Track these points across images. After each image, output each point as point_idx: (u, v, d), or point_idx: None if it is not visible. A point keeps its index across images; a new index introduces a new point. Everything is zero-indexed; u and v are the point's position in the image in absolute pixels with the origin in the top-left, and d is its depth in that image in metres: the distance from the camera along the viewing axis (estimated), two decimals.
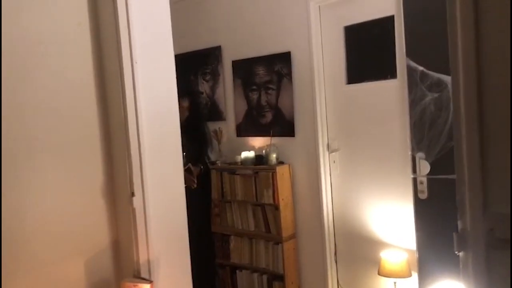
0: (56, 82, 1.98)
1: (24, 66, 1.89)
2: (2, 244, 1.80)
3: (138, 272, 2.07)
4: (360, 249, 3.32)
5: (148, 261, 2.09)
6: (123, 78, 2.01)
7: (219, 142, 3.85)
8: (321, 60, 3.35)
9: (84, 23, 2.05)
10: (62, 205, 2.00)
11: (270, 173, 3.42)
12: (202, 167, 3.59)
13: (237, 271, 3.79)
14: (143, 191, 2.07)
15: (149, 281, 2.03)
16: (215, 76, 3.96)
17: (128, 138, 2.03)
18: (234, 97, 3.85)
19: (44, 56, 1.94)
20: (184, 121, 3.24)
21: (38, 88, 1.93)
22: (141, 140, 2.06)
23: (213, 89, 3.97)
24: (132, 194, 2.05)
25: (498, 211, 1.03)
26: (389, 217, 3.13)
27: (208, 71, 4.01)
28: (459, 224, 1.11)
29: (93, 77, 2.09)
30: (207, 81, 4.03)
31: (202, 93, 4.08)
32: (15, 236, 1.87)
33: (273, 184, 3.42)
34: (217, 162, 3.82)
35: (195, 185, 3.26)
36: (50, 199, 1.97)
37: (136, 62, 2.04)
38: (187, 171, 3.11)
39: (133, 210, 2.05)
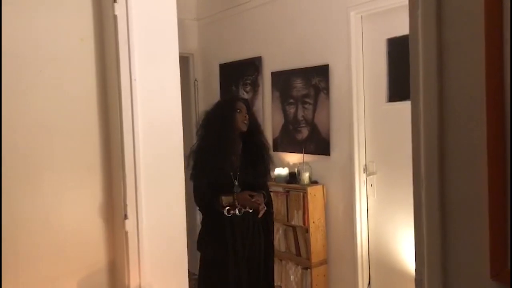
0: (57, 98, 1.95)
1: (25, 81, 1.88)
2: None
3: None
4: (396, 285, 3.00)
5: (140, 287, 2.00)
6: (121, 96, 1.95)
7: None
8: (361, 74, 3.07)
9: (87, 38, 2.00)
10: (59, 222, 1.98)
11: (301, 193, 3.21)
12: (265, 194, 2.58)
13: None
14: (137, 213, 1.99)
15: None
16: (255, 87, 3.82)
17: (123, 158, 1.96)
18: (272, 110, 3.68)
19: (46, 71, 1.92)
20: (245, 133, 2.53)
21: (39, 103, 1.92)
22: (137, 160, 1.99)
23: (252, 100, 3.83)
24: (125, 217, 1.98)
25: None
26: None
27: (248, 81, 3.88)
28: None
29: (96, 94, 2.04)
30: (247, 92, 3.90)
31: None
32: (12, 252, 1.87)
33: (304, 205, 3.20)
34: None
35: (260, 216, 2.51)
36: (48, 216, 1.95)
37: (135, 79, 1.96)
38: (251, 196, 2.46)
39: (126, 233, 1.98)
